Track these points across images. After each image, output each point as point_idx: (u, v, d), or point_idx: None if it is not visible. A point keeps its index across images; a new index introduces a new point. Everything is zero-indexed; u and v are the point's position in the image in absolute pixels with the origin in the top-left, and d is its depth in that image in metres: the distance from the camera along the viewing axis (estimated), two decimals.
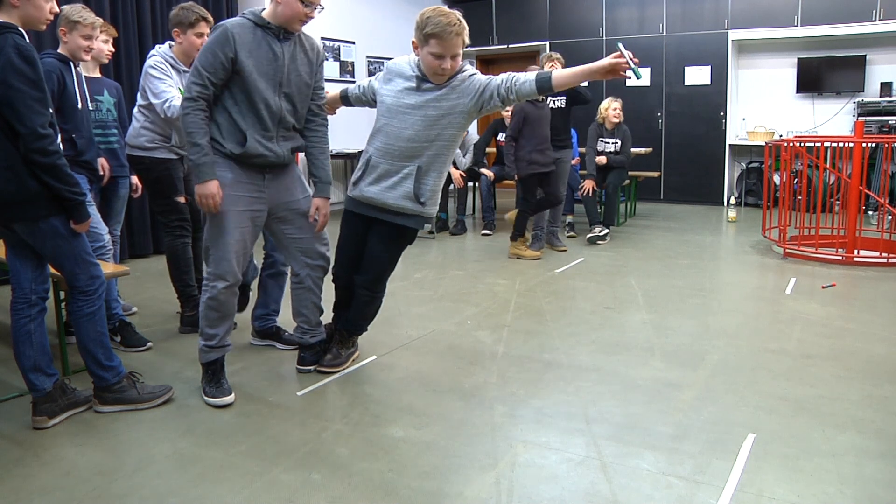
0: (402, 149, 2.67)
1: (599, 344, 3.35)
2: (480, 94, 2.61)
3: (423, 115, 2.63)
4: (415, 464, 2.21)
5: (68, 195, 2.32)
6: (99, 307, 2.52)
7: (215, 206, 2.52)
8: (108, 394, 2.59)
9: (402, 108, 2.65)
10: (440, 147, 2.68)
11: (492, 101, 2.61)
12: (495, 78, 2.62)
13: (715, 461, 2.20)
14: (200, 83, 2.46)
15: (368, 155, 2.77)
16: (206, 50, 2.47)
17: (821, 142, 5.47)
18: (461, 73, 2.64)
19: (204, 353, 2.68)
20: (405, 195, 2.70)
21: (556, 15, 8.72)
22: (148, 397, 2.64)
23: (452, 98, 2.62)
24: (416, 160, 2.68)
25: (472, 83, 2.62)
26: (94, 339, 2.53)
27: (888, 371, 2.94)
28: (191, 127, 2.47)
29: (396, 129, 2.66)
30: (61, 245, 2.39)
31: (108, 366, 2.58)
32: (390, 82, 2.72)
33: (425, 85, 2.63)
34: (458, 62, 2.60)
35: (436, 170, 2.72)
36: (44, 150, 2.23)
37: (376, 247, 2.82)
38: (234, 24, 2.49)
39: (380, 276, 2.88)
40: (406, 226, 2.77)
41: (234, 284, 2.65)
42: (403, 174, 2.69)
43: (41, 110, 2.23)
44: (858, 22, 7.00)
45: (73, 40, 3.08)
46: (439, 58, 2.53)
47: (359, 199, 2.79)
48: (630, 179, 6.88)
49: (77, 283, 2.47)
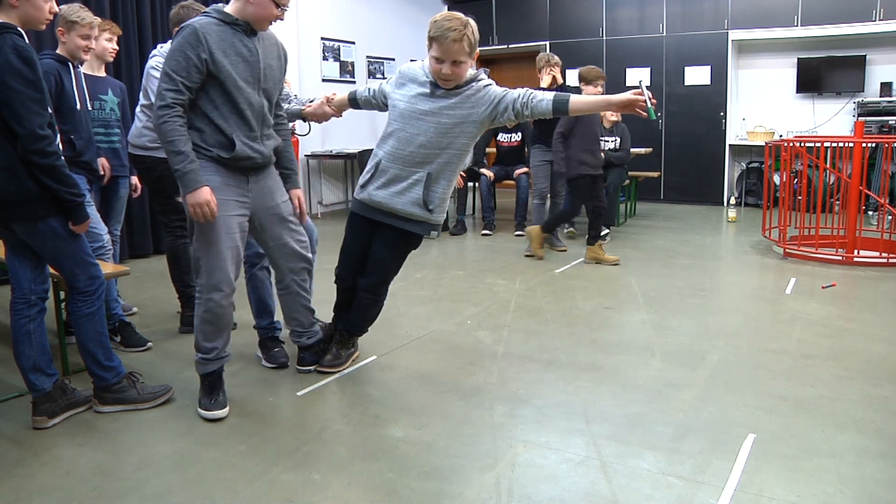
0: (413, 154, 2.65)
1: (599, 344, 3.35)
2: (495, 105, 2.59)
3: (437, 123, 2.61)
4: (415, 464, 2.21)
5: (67, 196, 2.32)
6: (99, 307, 2.52)
7: (211, 214, 2.39)
8: (108, 394, 2.59)
9: (415, 113, 2.63)
10: (451, 155, 2.66)
11: (505, 114, 2.59)
12: (512, 91, 2.60)
13: (715, 461, 2.19)
14: (174, 88, 2.32)
15: (378, 158, 2.74)
16: (177, 52, 2.33)
17: (821, 142, 5.47)
18: (476, 82, 2.62)
19: (201, 364, 2.60)
20: (414, 201, 2.68)
21: (556, 15, 8.71)
22: (148, 397, 2.64)
23: (466, 107, 2.60)
24: (426, 166, 2.66)
25: (487, 94, 2.60)
26: (93, 340, 2.53)
27: (888, 371, 2.94)
28: (170, 135, 2.33)
29: (408, 135, 2.64)
30: (60, 246, 2.39)
31: (108, 366, 2.57)
32: (403, 87, 2.70)
33: (439, 91, 2.61)
34: (463, 70, 2.56)
35: (445, 177, 2.70)
36: (42, 150, 2.23)
37: (381, 251, 2.81)
38: (203, 24, 2.36)
39: (383, 280, 2.87)
40: (412, 231, 2.76)
41: (231, 294, 2.54)
42: (413, 180, 2.67)
43: (40, 111, 2.22)
44: (858, 22, 7.00)
45: (71, 40, 3.07)
46: (439, 62, 2.52)
47: (366, 202, 2.77)
48: (630, 179, 6.88)
49: (76, 284, 2.46)
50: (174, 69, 2.33)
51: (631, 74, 8.24)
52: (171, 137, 2.34)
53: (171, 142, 2.34)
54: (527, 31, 8.92)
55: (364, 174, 2.79)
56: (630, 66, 8.26)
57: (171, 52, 2.36)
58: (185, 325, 3.53)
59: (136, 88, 5.32)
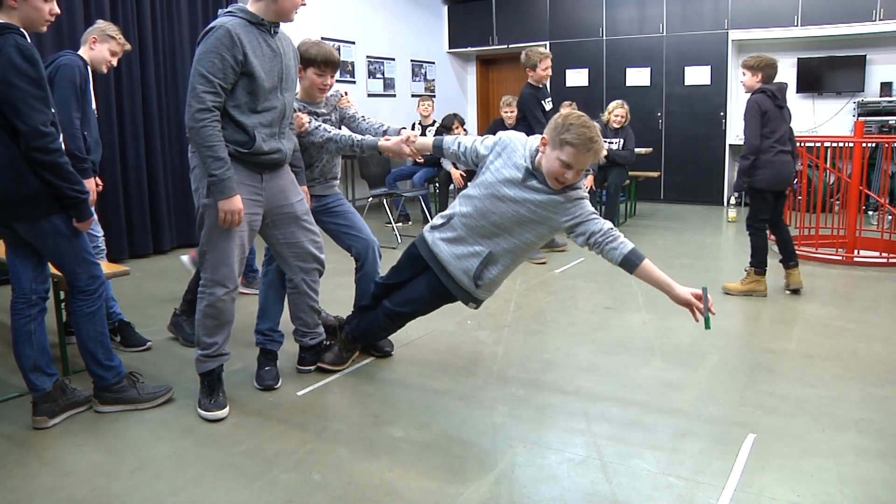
0: (483, 228, 2.58)
1: (599, 344, 3.35)
2: (576, 224, 2.50)
3: (516, 211, 2.51)
4: (415, 464, 2.21)
5: (70, 193, 2.32)
6: (99, 307, 2.53)
7: (239, 221, 2.43)
8: (108, 393, 2.59)
9: (499, 194, 2.52)
10: (516, 245, 2.59)
11: (575, 237, 2.52)
12: (596, 220, 2.50)
13: (715, 461, 2.20)
14: (213, 91, 2.31)
15: (453, 212, 2.68)
16: (212, 53, 2.31)
17: (821, 142, 5.47)
18: (573, 189, 2.50)
19: (201, 363, 2.60)
20: (466, 271, 2.63)
21: (556, 15, 8.71)
22: (148, 397, 2.64)
23: (550, 210, 2.49)
24: (490, 244, 2.59)
25: (575, 207, 2.49)
26: (94, 339, 2.53)
27: (888, 371, 2.94)
28: (210, 140, 2.33)
29: (485, 209, 2.56)
30: (62, 244, 2.39)
31: (109, 365, 2.57)
32: (498, 158, 2.57)
33: (531, 182, 2.48)
34: (581, 175, 2.49)
35: (504, 263, 2.63)
36: (45, 148, 2.24)
37: (420, 288, 2.78)
38: (234, 24, 2.35)
39: (408, 315, 2.85)
40: (453, 292, 2.72)
41: (234, 290, 2.57)
42: (474, 251, 2.61)
43: (42, 108, 2.23)
44: (858, 22, 6.99)
45: (100, 50, 3.23)
46: (567, 167, 2.39)
47: (429, 245, 2.73)
48: (630, 179, 6.89)
49: (77, 283, 2.47)
50: (211, 71, 2.31)
51: (631, 74, 8.25)
52: (212, 143, 2.34)
53: (211, 147, 2.34)
54: (527, 31, 8.91)
55: (438, 217, 2.75)
56: (630, 66, 8.26)
57: (204, 54, 2.32)
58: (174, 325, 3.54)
59: (135, 88, 5.33)
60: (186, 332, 3.36)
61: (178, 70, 5.67)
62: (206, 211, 2.47)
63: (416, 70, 9.07)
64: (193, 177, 2.52)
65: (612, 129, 6.28)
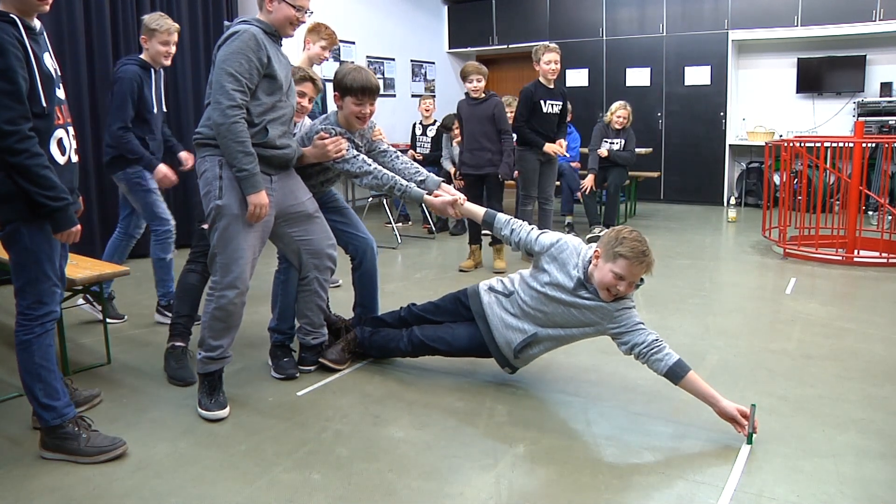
0: (537, 317, 2.65)
1: (599, 344, 3.34)
2: (621, 333, 2.52)
3: (567, 311, 2.59)
4: (415, 464, 2.21)
5: (41, 200, 2.03)
6: (39, 336, 2.17)
7: (265, 215, 2.50)
8: (47, 437, 2.24)
9: (551, 295, 2.60)
10: (562, 336, 2.66)
11: (620, 344, 2.54)
12: (642, 331, 2.49)
13: (715, 461, 2.20)
14: (241, 90, 2.39)
15: (513, 289, 2.73)
16: (239, 55, 2.39)
17: (821, 142, 5.47)
18: (623, 300, 2.54)
19: (203, 364, 2.59)
20: (508, 341, 2.70)
21: (556, 15, 8.71)
22: (92, 451, 2.22)
23: (598, 316, 2.55)
24: (539, 328, 2.65)
25: (622, 317, 2.53)
26: (30, 372, 2.18)
27: (888, 371, 2.94)
28: (241, 136, 2.40)
29: (541, 302, 2.63)
30: (21, 256, 2.13)
31: (48, 405, 2.20)
32: (553, 262, 2.63)
33: (581, 292, 2.55)
34: (633, 288, 2.52)
35: (546, 346, 2.70)
36: (10, 148, 1.97)
37: (461, 336, 2.82)
38: (256, 30, 2.46)
39: (433, 352, 2.89)
40: (491, 352, 2.77)
41: (244, 293, 2.57)
42: (521, 328, 2.68)
43: (10, 104, 1.96)
44: (858, 22, 6.99)
45: (152, 47, 3.39)
46: (619, 279, 2.45)
47: (482, 302, 2.79)
48: (630, 179, 6.89)
49: (22, 301, 2.17)
50: (239, 71, 2.39)
51: (631, 74, 8.25)
52: (243, 138, 2.41)
53: (242, 142, 2.41)
54: (527, 31, 8.91)
55: (498, 282, 2.80)
56: (630, 66, 8.26)
57: (231, 55, 2.39)
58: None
59: None
60: (172, 368, 2.98)
61: (178, 71, 5.66)
62: (217, 213, 2.48)
63: (416, 70, 9.07)
64: (203, 181, 2.52)
65: (614, 130, 6.27)
